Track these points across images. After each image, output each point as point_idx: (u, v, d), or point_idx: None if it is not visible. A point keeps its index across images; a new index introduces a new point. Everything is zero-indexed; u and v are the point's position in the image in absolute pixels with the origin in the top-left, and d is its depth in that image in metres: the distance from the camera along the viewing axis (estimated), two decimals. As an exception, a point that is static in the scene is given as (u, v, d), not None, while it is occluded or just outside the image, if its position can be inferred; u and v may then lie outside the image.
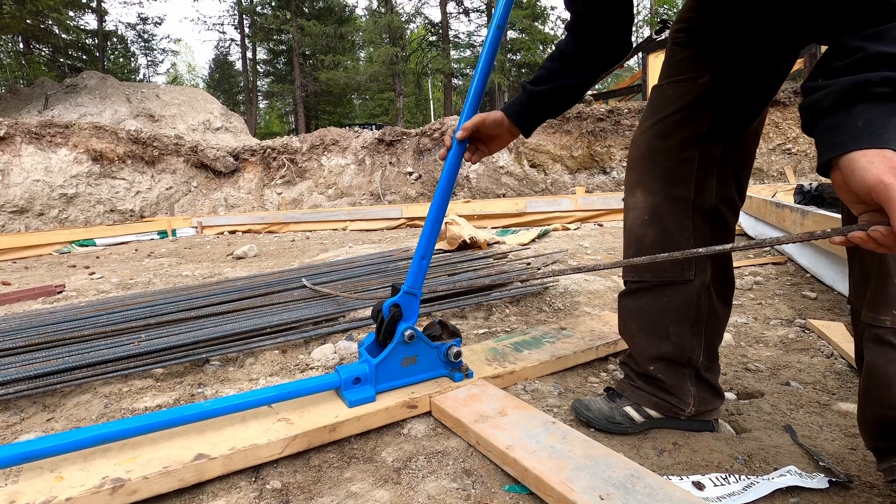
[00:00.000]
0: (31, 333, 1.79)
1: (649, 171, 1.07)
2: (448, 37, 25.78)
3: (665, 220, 1.05)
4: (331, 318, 1.92)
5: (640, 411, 1.11)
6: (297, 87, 26.40)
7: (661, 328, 1.08)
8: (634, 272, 1.11)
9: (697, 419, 1.10)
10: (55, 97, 12.64)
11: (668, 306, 1.07)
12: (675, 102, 1.04)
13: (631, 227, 1.12)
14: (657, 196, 1.06)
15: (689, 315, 1.06)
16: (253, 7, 27.68)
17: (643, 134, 1.09)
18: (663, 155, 1.05)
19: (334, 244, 4.85)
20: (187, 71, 43.60)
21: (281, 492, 0.96)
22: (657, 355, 1.08)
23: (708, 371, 1.09)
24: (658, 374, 1.08)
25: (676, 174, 1.04)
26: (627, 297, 1.15)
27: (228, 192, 8.91)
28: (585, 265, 0.99)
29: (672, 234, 1.05)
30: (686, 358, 1.07)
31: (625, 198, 1.14)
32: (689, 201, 1.04)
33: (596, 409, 1.15)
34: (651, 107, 1.09)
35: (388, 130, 8.74)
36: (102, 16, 24.76)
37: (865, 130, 0.59)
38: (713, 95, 1.01)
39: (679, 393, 1.08)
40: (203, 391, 1.46)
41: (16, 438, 1.24)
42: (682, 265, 1.05)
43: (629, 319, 1.15)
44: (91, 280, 3.51)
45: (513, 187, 7.87)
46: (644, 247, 1.08)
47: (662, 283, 1.07)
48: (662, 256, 0.84)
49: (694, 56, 1.03)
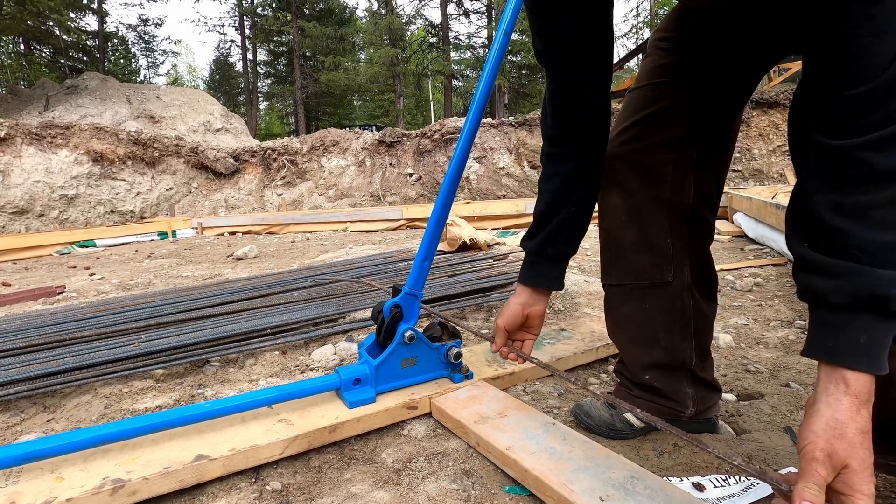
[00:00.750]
0: (31, 334, 1.79)
1: (626, 171, 1.05)
2: (448, 38, 25.78)
3: (643, 220, 1.04)
4: (331, 319, 1.92)
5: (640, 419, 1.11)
6: (297, 89, 26.43)
7: (650, 335, 1.07)
8: (614, 276, 1.10)
9: (697, 419, 1.09)
10: (56, 98, 12.65)
11: (653, 311, 1.06)
12: (653, 104, 1.02)
13: (608, 228, 1.10)
14: (635, 197, 1.05)
15: (675, 318, 1.05)
16: (253, 8, 27.73)
17: (622, 134, 1.07)
18: (641, 155, 1.03)
19: (334, 245, 4.85)
20: (188, 72, 43.67)
21: (281, 493, 0.96)
22: (650, 363, 1.07)
23: (703, 370, 1.09)
24: (654, 383, 1.07)
25: (653, 174, 1.03)
26: (612, 305, 1.14)
27: (229, 194, 8.92)
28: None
29: (650, 235, 1.04)
30: (679, 362, 1.06)
31: (600, 199, 1.11)
32: (666, 201, 1.03)
33: (596, 415, 1.14)
34: (627, 108, 1.07)
35: (389, 132, 8.74)
36: (103, 17, 24.79)
37: (865, 352, 0.57)
38: (691, 98, 1.00)
39: (677, 397, 1.07)
40: (203, 392, 1.46)
41: (16, 439, 1.25)
42: (661, 267, 1.04)
43: (617, 328, 1.14)
44: (91, 281, 3.51)
45: (513, 188, 7.87)
46: (623, 248, 1.07)
47: (642, 286, 1.06)
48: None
49: (675, 63, 1.02)
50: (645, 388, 1.09)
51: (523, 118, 8.01)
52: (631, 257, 1.07)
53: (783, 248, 3.05)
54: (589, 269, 2.87)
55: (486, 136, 8.00)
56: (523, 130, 7.92)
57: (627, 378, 1.13)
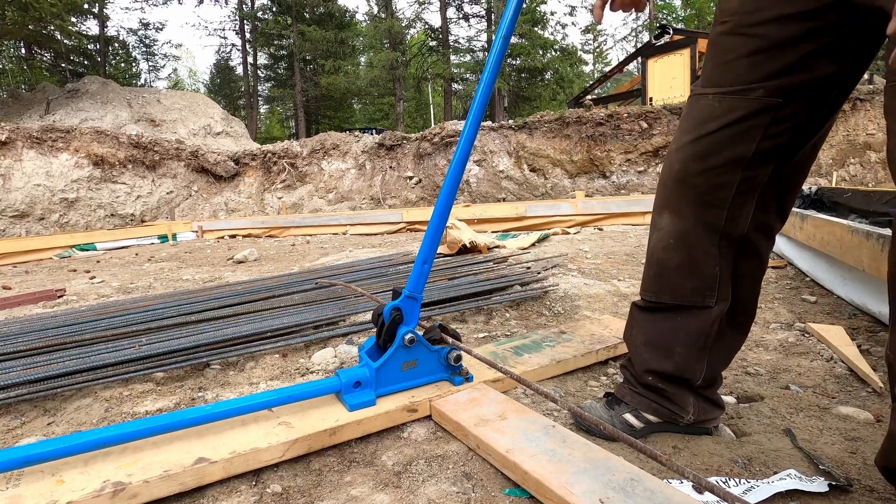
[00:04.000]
0: (31, 338, 1.79)
1: (681, 195, 0.99)
2: (448, 42, 25.87)
3: (692, 246, 0.99)
4: (331, 321, 1.92)
5: (639, 417, 1.10)
6: (297, 92, 26.49)
7: (666, 346, 1.05)
8: (653, 292, 1.07)
9: (696, 426, 1.09)
10: (56, 102, 12.68)
11: (680, 327, 1.03)
12: (721, 118, 0.92)
13: (654, 248, 1.06)
14: (686, 221, 0.99)
15: (698, 340, 1.02)
16: (254, 12, 27.82)
17: (679, 151, 0.99)
18: (699, 178, 0.95)
19: (334, 248, 4.86)
20: (188, 76, 43.85)
21: (281, 496, 0.96)
22: (657, 370, 1.06)
23: (706, 390, 1.08)
24: (658, 384, 1.07)
25: (710, 199, 0.96)
26: (641, 309, 1.12)
27: (229, 197, 8.93)
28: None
29: (697, 261, 0.99)
30: (685, 378, 1.05)
31: (652, 216, 1.08)
32: (718, 228, 0.97)
33: (595, 416, 1.14)
34: (691, 119, 0.97)
35: (389, 135, 8.76)
36: (104, 21, 24.88)
37: None
38: (767, 113, 0.88)
39: (680, 402, 1.07)
40: (204, 395, 1.46)
41: (17, 442, 1.25)
42: (705, 292, 1.00)
43: (636, 329, 1.12)
44: (92, 284, 3.51)
45: (513, 191, 7.88)
46: (667, 271, 1.03)
47: (679, 305, 1.03)
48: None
49: (750, 57, 0.88)
50: (649, 387, 1.09)
51: (523, 121, 8.03)
52: (674, 279, 1.03)
53: (782, 250, 3.05)
54: (589, 271, 2.87)
55: (486, 139, 8.02)
56: (523, 133, 7.93)
57: (633, 375, 1.13)
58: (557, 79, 24.80)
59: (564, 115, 7.84)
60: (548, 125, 7.79)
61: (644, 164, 7.37)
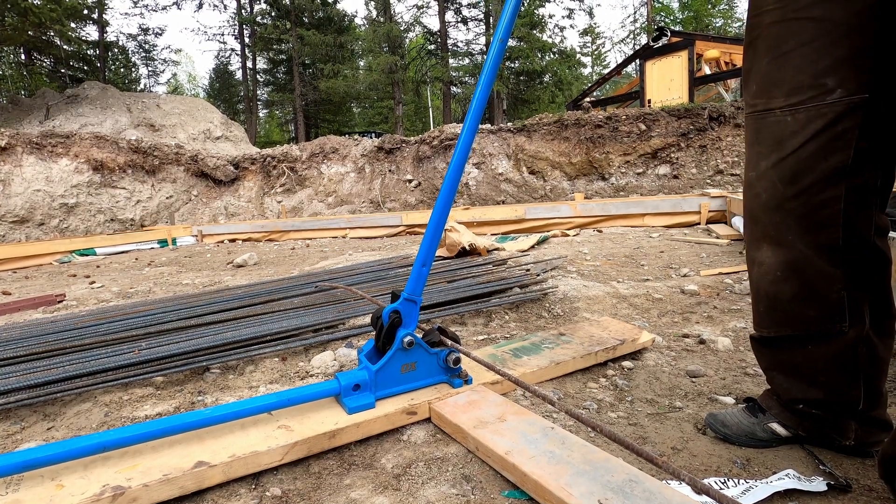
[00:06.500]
0: (31, 343, 1.79)
1: (778, 223, 0.88)
2: (447, 45, 25.93)
3: (805, 273, 0.88)
4: (331, 325, 1.92)
5: (788, 428, 1.00)
6: (296, 96, 26.54)
7: (807, 375, 0.94)
8: (770, 328, 0.96)
9: (855, 448, 0.96)
10: (56, 108, 12.70)
11: (816, 356, 0.92)
12: (801, 132, 0.81)
13: (759, 283, 0.96)
14: (792, 249, 0.88)
15: (844, 365, 0.91)
16: (253, 17, 27.89)
17: (762, 179, 0.88)
18: (795, 201, 0.85)
19: (334, 252, 4.86)
20: (188, 81, 43.94)
21: (281, 499, 0.96)
22: (804, 399, 0.95)
23: (873, 409, 0.94)
24: (811, 411, 0.95)
25: (816, 220, 0.84)
26: (761, 342, 1.00)
27: (228, 201, 8.94)
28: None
29: (815, 289, 0.88)
30: (843, 402, 0.93)
31: (747, 250, 0.97)
32: (837, 248, 0.85)
33: (733, 423, 1.05)
34: (764, 141, 0.87)
35: (388, 138, 8.78)
36: (104, 27, 24.94)
37: None
38: (857, 112, 0.77)
39: (839, 426, 0.95)
40: (203, 399, 1.46)
41: (16, 447, 1.25)
42: (831, 319, 0.88)
43: (765, 360, 1.02)
44: (91, 289, 3.52)
45: (512, 194, 7.89)
46: (780, 304, 0.93)
47: (805, 335, 0.92)
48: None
49: (815, 48, 0.77)
50: (801, 414, 0.97)
51: (522, 124, 8.05)
52: (792, 311, 0.92)
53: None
54: (588, 273, 2.87)
55: (485, 141, 8.04)
56: (522, 136, 7.95)
57: (779, 398, 1.01)
58: (556, 81, 24.89)
59: (563, 117, 7.86)
60: (546, 127, 7.80)
61: (643, 166, 7.38)
